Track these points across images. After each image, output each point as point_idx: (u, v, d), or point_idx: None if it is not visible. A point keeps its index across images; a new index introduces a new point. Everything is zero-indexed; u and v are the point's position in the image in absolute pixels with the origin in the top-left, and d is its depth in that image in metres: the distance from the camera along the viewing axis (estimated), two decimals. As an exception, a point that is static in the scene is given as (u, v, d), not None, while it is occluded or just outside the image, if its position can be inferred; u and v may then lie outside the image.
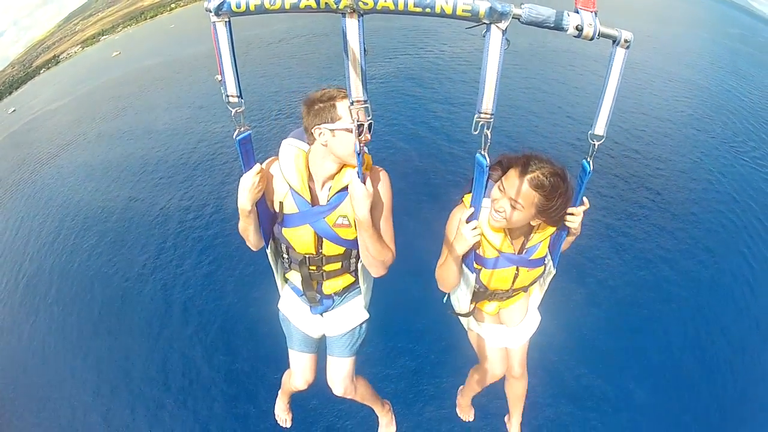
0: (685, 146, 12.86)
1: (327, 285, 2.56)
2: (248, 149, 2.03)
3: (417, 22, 24.81)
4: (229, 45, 1.72)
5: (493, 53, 1.61)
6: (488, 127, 1.78)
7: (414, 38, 22.49)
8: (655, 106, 15.23)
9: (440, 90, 15.92)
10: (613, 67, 1.76)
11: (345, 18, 1.57)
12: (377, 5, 1.52)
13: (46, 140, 23.72)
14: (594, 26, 1.58)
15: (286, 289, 2.78)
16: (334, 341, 2.76)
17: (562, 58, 20.04)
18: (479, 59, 1.65)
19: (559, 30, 1.59)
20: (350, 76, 1.68)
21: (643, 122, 13.59)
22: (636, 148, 12.07)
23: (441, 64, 18.91)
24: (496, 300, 2.68)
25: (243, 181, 2.11)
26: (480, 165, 1.96)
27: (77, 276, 10.34)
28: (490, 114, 1.74)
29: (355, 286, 2.66)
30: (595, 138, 1.94)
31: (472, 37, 12.79)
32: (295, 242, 2.35)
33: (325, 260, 2.40)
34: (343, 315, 2.70)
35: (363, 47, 1.64)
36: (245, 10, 1.60)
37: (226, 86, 1.80)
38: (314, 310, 2.67)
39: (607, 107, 1.88)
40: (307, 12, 1.58)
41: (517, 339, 2.85)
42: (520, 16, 1.55)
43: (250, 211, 2.20)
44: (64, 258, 11.40)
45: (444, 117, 13.41)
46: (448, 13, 1.52)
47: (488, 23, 1.56)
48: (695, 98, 17.18)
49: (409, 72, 17.64)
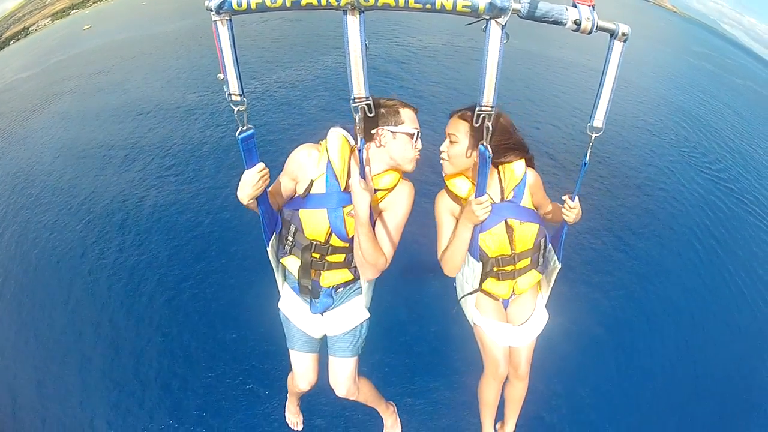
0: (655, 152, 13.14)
1: (325, 276, 2.52)
2: (251, 147, 2.03)
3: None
4: (231, 43, 1.73)
5: (493, 47, 1.64)
6: (489, 119, 1.83)
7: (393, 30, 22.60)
8: (619, 114, 15.58)
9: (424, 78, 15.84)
10: (610, 60, 1.80)
11: (346, 15, 1.59)
12: (378, 1, 1.55)
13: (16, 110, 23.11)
14: (592, 20, 1.61)
15: (286, 287, 2.75)
16: (336, 341, 2.73)
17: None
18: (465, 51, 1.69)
19: (558, 24, 1.62)
20: (352, 72, 1.69)
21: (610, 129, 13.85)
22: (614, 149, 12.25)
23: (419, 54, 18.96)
24: (506, 278, 2.59)
25: (246, 176, 2.11)
26: (483, 155, 2.02)
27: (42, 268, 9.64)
28: (491, 107, 1.78)
29: (355, 284, 2.65)
30: (594, 130, 2.00)
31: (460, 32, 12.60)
32: (307, 225, 2.32)
33: (331, 249, 2.39)
34: (343, 314, 2.67)
35: (364, 44, 1.66)
36: (246, 8, 1.61)
37: (228, 85, 1.81)
38: (314, 308, 2.64)
39: (605, 99, 1.92)
40: (308, 9, 1.60)
41: (523, 337, 2.79)
42: (519, 11, 1.58)
43: (247, 204, 2.21)
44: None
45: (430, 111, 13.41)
46: (449, 9, 1.54)
47: (488, 18, 1.58)
48: (653, 107, 17.78)
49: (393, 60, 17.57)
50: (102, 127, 14.71)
